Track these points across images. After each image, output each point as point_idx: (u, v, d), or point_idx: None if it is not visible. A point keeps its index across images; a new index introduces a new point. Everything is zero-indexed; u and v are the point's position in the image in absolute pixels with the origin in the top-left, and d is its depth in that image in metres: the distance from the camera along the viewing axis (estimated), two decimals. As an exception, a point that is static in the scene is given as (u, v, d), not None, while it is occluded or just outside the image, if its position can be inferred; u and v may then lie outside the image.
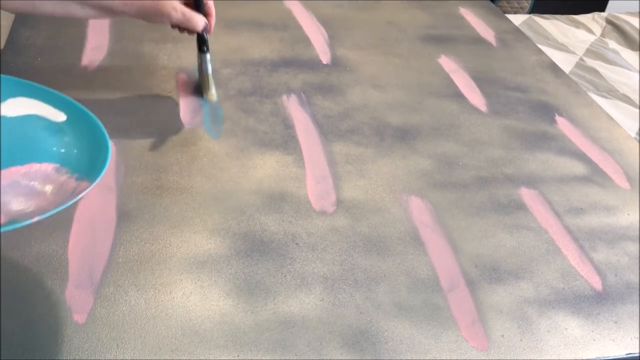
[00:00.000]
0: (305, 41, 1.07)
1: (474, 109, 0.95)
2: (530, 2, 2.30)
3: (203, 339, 0.55)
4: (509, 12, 2.21)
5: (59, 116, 0.60)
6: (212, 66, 0.86)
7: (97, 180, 0.51)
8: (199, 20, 0.77)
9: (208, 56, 0.84)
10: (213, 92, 0.87)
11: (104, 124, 0.59)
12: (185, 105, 0.86)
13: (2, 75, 0.63)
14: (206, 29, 0.80)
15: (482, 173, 0.81)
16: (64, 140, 0.57)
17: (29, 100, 0.62)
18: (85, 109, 0.60)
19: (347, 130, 0.86)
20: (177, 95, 0.87)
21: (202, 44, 0.84)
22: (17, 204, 0.49)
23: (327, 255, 0.65)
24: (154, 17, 0.73)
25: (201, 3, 0.79)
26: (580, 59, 1.52)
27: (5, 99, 0.61)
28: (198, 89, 0.88)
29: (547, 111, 0.97)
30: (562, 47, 1.56)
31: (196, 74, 0.89)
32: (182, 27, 0.79)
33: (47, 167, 0.54)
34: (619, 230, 0.75)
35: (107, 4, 0.69)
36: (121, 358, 0.52)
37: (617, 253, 0.72)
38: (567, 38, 1.62)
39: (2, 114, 0.59)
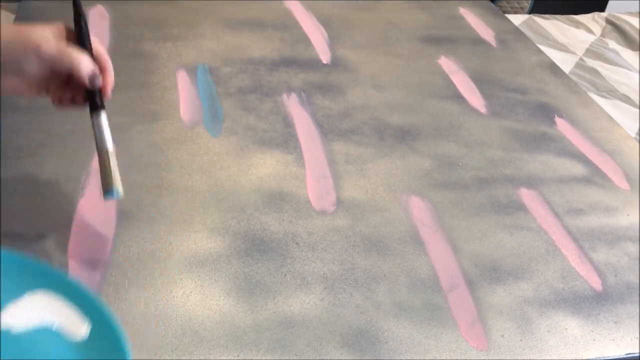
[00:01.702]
0: (305, 41, 1.07)
1: (474, 110, 0.95)
2: (530, 2, 2.30)
3: (203, 338, 0.55)
4: (509, 12, 2.21)
5: (80, 328, 0.50)
6: (113, 144, 0.57)
7: None
8: (81, 59, 0.55)
9: (104, 117, 0.57)
10: (116, 182, 0.56)
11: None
12: (185, 104, 0.86)
13: (16, 256, 0.52)
14: (95, 80, 0.57)
15: (481, 173, 0.81)
16: None
17: (46, 297, 0.52)
18: (111, 317, 0.51)
19: (347, 130, 0.86)
20: (177, 94, 0.87)
21: (92, 100, 0.57)
22: None
23: (327, 255, 0.65)
24: (18, 51, 0.53)
25: (87, 39, 0.57)
26: (580, 59, 1.52)
27: (18, 295, 0.51)
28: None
29: (546, 112, 0.97)
30: (562, 47, 1.56)
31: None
32: (63, 86, 0.58)
33: None
34: (619, 230, 0.75)
35: None
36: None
37: (617, 253, 0.72)
38: (567, 38, 1.62)
39: (9, 325, 0.48)
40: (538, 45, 1.21)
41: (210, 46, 1.01)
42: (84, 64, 0.55)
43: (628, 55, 1.60)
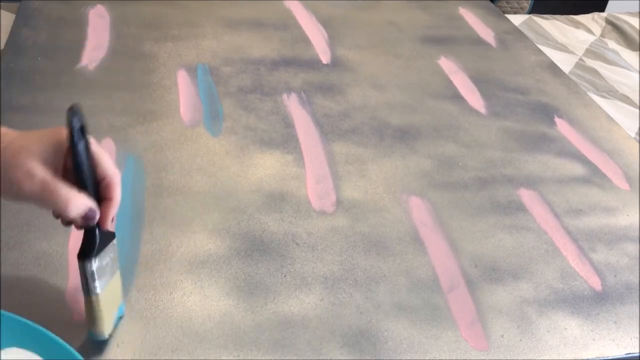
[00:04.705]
0: (305, 41, 1.07)
1: (474, 111, 0.95)
2: (530, 2, 2.30)
3: (203, 339, 0.55)
4: (509, 13, 2.21)
5: None
6: (104, 285, 0.51)
7: None
8: (70, 200, 0.46)
9: (92, 266, 0.49)
10: (102, 326, 0.52)
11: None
12: (185, 103, 0.86)
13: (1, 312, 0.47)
14: (90, 217, 0.48)
15: (481, 174, 0.81)
16: None
17: (20, 354, 0.46)
18: None
19: (347, 130, 0.86)
20: (177, 94, 0.87)
21: (85, 243, 0.50)
22: None
23: (327, 255, 0.65)
24: (3, 182, 0.46)
25: (84, 174, 0.48)
26: (580, 59, 1.52)
27: None
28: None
29: (546, 112, 0.97)
30: (561, 48, 1.56)
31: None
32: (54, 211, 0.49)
33: None
34: (619, 231, 0.75)
35: None
36: (121, 358, 0.52)
37: (617, 254, 0.72)
38: (567, 38, 1.62)
39: None
40: (538, 46, 1.21)
41: (210, 46, 1.01)
42: (73, 205, 0.46)
43: (628, 55, 1.60)
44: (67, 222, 0.50)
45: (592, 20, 1.75)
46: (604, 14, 1.78)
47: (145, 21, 1.05)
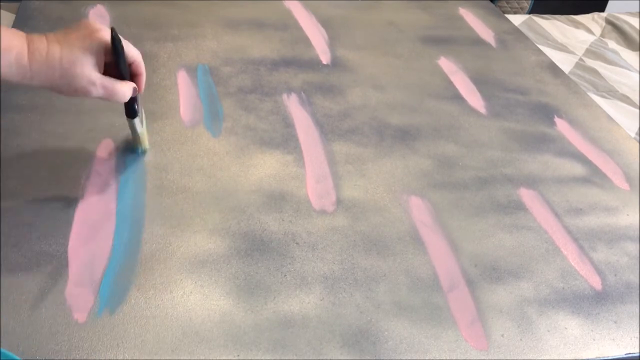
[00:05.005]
0: (305, 41, 1.07)
1: (474, 111, 0.95)
2: (530, 2, 2.30)
3: (203, 338, 0.55)
4: (509, 13, 2.21)
5: None
6: (142, 126, 0.74)
7: None
8: (124, 92, 0.64)
9: (137, 121, 0.72)
10: (146, 144, 0.76)
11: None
12: (186, 104, 0.86)
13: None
14: (135, 94, 0.67)
15: (481, 174, 0.81)
16: None
17: None
18: None
19: (347, 130, 0.86)
20: (177, 94, 0.87)
21: (130, 109, 0.70)
22: None
23: (327, 255, 0.65)
24: (68, 92, 0.61)
25: (124, 65, 0.65)
26: (580, 59, 1.52)
27: None
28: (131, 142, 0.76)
29: (546, 112, 0.97)
30: (561, 48, 1.56)
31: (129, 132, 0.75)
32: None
33: None
34: (619, 230, 0.75)
35: (5, 76, 0.57)
36: (121, 358, 0.52)
37: (617, 253, 0.72)
38: (567, 38, 1.62)
39: None
40: (538, 46, 1.21)
41: (210, 46, 1.01)
42: (126, 95, 0.64)
43: (628, 55, 1.60)
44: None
45: (592, 20, 1.75)
46: (604, 14, 1.78)
47: (145, 21, 1.05)
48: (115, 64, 0.63)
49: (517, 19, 1.65)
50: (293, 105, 0.89)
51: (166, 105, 0.85)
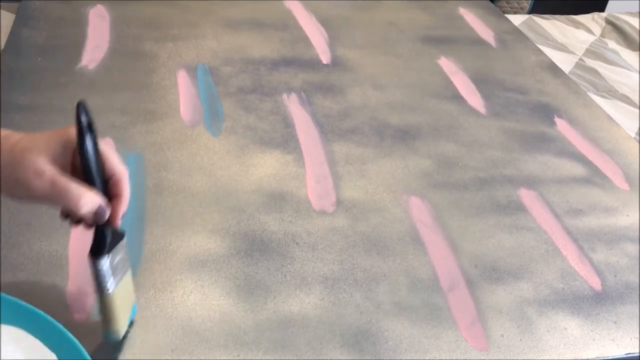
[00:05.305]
0: (305, 41, 1.07)
1: (473, 111, 0.95)
2: (530, 2, 2.30)
3: (203, 338, 0.55)
4: (509, 13, 2.21)
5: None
6: (116, 284, 0.50)
7: None
8: (80, 196, 0.46)
9: (105, 263, 0.49)
10: (116, 324, 0.51)
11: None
12: (185, 103, 0.86)
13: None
14: (101, 214, 0.48)
15: (481, 174, 0.81)
16: None
17: (13, 332, 0.47)
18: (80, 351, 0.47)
19: (347, 130, 0.86)
20: (177, 94, 0.87)
21: (95, 241, 0.49)
22: None
23: (327, 255, 0.65)
24: (9, 183, 0.46)
25: (94, 170, 0.47)
26: (580, 59, 1.52)
27: None
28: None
29: (546, 112, 0.97)
30: (561, 48, 1.56)
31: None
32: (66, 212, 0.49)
33: None
34: (618, 231, 0.75)
35: None
36: (121, 358, 0.52)
37: (617, 254, 0.72)
38: (567, 38, 1.62)
39: None
40: (538, 46, 1.21)
41: (210, 46, 1.01)
42: (85, 202, 0.46)
43: (628, 55, 1.60)
44: (77, 221, 0.49)
45: (592, 20, 1.75)
46: (604, 14, 1.78)
47: (145, 21, 1.05)
48: (80, 164, 0.47)
49: (517, 19, 1.65)
50: (293, 105, 0.89)
51: (166, 105, 0.85)
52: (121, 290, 0.51)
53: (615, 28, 1.71)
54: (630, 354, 0.60)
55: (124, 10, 1.07)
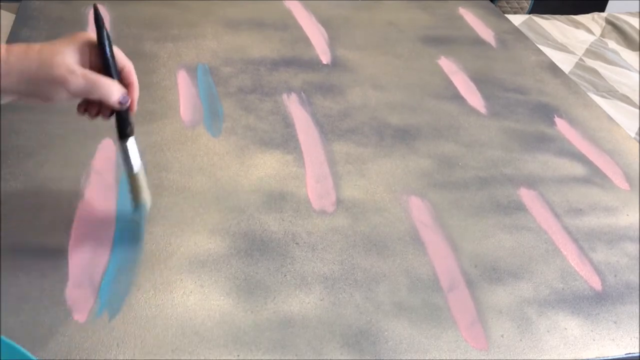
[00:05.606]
0: (305, 41, 1.07)
1: (474, 111, 0.95)
2: (530, 2, 2.30)
3: (203, 338, 0.55)
4: (509, 13, 2.21)
5: None
6: (141, 162, 0.60)
7: None
8: (109, 87, 0.54)
9: (132, 142, 0.59)
10: (144, 197, 0.62)
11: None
12: (185, 104, 0.86)
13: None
14: (125, 102, 0.56)
15: (481, 174, 0.81)
16: None
17: None
18: None
19: (347, 130, 0.86)
20: (177, 94, 0.87)
21: (122, 125, 0.58)
22: None
23: (327, 255, 0.65)
24: (45, 89, 0.53)
25: (112, 65, 0.56)
26: (580, 59, 1.52)
27: None
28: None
29: (546, 112, 0.97)
30: (561, 48, 1.56)
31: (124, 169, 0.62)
32: (90, 101, 0.57)
33: None
34: (619, 230, 0.75)
35: None
36: (121, 358, 0.52)
37: (617, 253, 0.72)
38: (567, 38, 1.62)
39: None
40: (538, 46, 1.21)
41: (210, 46, 1.01)
42: (114, 92, 0.55)
43: (628, 55, 1.60)
44: (96, 114, 0.58)
45: (592, 20, 1.75)
46: (604, 14, 1.78)
47: (145, 21, 1.05)
48: (102, 60, 0.55)
49: (517, 19, 1.65)
50: (293, 105, 0.89)
51: (166, 105, 0.85)
52: (142, 172, 0.61)
53: (615, 28, 1.72)
54: (630, 354, 0.60)
55: (124, 10, 1.07)
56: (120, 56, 0.57)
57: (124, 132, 0.58)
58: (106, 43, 0.55)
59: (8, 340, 0.48)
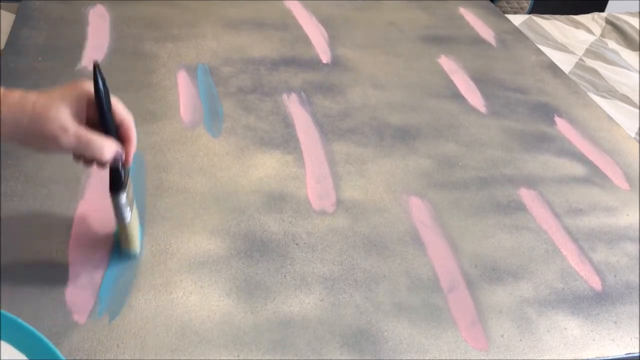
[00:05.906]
0: (305, 41, 1.07)
1: (474, 110, 0.95)
2: (530, 2, 2.30)
3: (203, 339, 0.55)
4: (509, 12, 2.21)
5: None
6: (130, 213, 0.59)
7: None
8: (102, 145, 0.53)
9: (124, 198, 0.57)
10: (134, 244, 0.62)
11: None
12: (185, 104, 0.86)
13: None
14: (118, 160, 0.55)
15: (481, 173, 0.81)
16: None
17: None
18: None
19: (347, 130, 0.86)
20: (177, 94, 0.87)
21: (114, 180, 0.57)
22: None
23: (327, 255, 0.65)
24: (37, 142, 0.52)
25: (109, 121, 0.54)
26: (580, 59, 1.52)
27: None
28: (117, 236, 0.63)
29: (546, 112, 0.97)
30: (561, 48, 1.56)
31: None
32: (85, 157, 0.56)
33: None
34: (619, 230, 0.75)
35: None
36: (121, 358, 0.52)
37: (617, 253, 0.72)
38: (567, 38, 1.62)
39: None
40: (538, 45, 1.21)
41: (210, 46, 1.01)
42: (106, 151, 0.53)
43: (628, 55, 1.60)
44: (89, 162, 0.57)
45: (592, 20, 1.75)
46: (604, 14, 1.78)
47: (145, 21, 1.05)
48: (99, 116, 0.54)
49: (517, 19, 1.65)
50: (293, 105, 0.89)
51: (166, 105, 0.85)
52: (133, 218, 0.60)
53: (615, 28, 1.71)
54: (630, 354, 0.60)
55: (124, 10, 1.07)
56: (119, 109, 0.56)
57: (116, 186, 0.57)
58: (104, 100, 0.53)
59: (10, 315, 0.49)
